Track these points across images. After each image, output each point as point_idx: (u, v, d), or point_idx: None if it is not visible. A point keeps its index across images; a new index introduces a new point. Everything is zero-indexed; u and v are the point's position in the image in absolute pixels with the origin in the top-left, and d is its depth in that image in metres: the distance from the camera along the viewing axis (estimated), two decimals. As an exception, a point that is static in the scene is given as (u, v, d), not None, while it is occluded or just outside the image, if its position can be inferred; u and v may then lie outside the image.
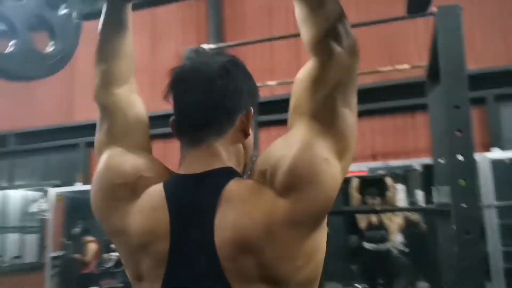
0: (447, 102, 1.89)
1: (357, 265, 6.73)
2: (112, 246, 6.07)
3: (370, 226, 5.35)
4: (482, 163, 3.52)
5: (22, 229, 6.97)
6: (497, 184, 3.54)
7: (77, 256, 5.55)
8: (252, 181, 0.84)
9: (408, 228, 4.99)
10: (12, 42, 1.11)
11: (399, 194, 4.98)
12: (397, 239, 5.22)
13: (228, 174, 0.87)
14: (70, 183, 4.80)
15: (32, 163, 5.34)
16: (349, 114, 0.85)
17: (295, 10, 0.91)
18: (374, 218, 5.32)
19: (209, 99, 0.88)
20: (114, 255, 5.90)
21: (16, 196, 6.87)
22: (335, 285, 6.70)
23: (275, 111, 3.65)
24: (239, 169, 0.92)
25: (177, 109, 0.92)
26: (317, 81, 0.85)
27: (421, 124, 3.49)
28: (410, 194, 4.69)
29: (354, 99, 0.88)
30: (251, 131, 0.94)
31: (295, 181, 0.79)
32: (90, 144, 4.97)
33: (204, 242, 0.81)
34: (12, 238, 6.99)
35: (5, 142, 4.71)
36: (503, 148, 3.72)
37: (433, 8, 1.86)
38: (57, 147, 5.01)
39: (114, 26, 1.05)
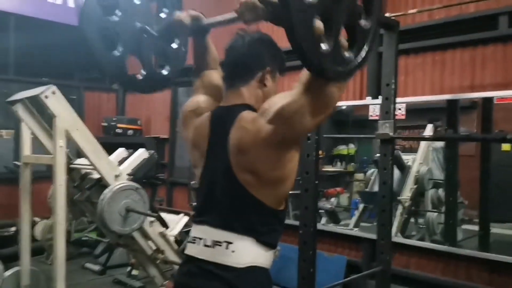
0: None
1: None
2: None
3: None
4: None
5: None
6: None
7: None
8: (256, 113, 1.36)
9: None
10: (142, 71, 1.69)
11: None
12: None
13: (244, 107, 1.42)
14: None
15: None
16: (335, 91, 1.26)
17: None
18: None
19: (238, 60, 1.47)
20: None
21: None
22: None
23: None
24: (257, 106, 1.43)
25: (222, 69, 1.53)
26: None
27: None
28: None
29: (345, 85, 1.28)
30: (270, 83, 1.43)
31: (278, 117, 1.29)
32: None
33: (224, 145, 1.39)
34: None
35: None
36: None
37: None
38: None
39: (199, 50, 1.69)
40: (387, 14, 3.17)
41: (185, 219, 3.36)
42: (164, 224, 3.17)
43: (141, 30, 1.68)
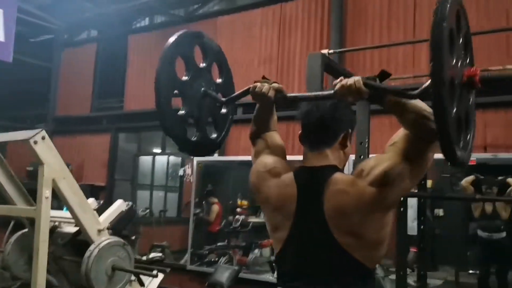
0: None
1: (471, 252, 6.72)
2: (238, 209, 6.91)
3: (484, 215, 5.39)
4: None
5: (165, 188, 8.19)
6: None
7: (201, 215, 6.29)
8: (351, 176, 1.38)
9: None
10: (195, 133, 1.68)
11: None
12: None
13: (333, 169, 1.42)
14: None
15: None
16: (431, 156, 1.33)
17: None
18: (488, 208, 5.35)
19: (324, 125, 1.47)
20: (238, 217, 6.70)
21: (160, 161, 8.05)
22: (449, 269, 6.79)
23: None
24: (340, 166, 1.46)
25: (303, 130, 1.52)
26: (413, 145, 1.32)
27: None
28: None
29: (437, 146, 1.31)
30: (349, 144, 1.47)
31: (383, 180, 1.31)
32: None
33: (317, 208, 1.36)
34: (158, 195, 8.26)
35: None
36: None
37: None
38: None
39: (264, 114, 1.68)
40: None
41: (161, 277, 3.12)
42: (141, 283, 2.92)
43: (204, 93, 1.67)
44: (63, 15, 6.60)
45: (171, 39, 1.58)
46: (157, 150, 6.91)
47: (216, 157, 5.64)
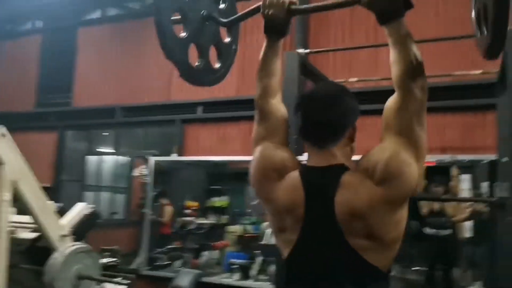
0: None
1: (416, 249, 6.97)
2: (187, 211, 6.73)
3: (432, 213, 5.61)
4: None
5: (113, 189, 7.83)
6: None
7: (154, 217, 6.09)
8: (359, 175, 1.30)
9: (474, 218, 5.18)
10: (199, 60, 1.62)
11: (463, 184, 5.21)
12: (461, 227, 5.46)
13: (341, 168, 1.33)
14: (167, 154, 5.44)
15: (134, 134, 6.11)
16: (421, 131, 1.27)
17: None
18: (436, 205, 5.57)
19: (329, 119, 1.33)
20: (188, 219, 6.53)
21: (109, 161, 7.69)
22: (394, 267, 7.01)
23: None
24: (347, 163, 1.37)
25: (304, 124, 1.37)
26: (399, 109, 1.27)
27: (490, 123, 3.74)
28: (476, 185, 4.88)
29: (425, 121, 1.29)
30: (355, 137, 1.40)
31: (387, 176, 1.24)
32: (185, 121, 5.62)
33: (328, 211, 1.29)
34: (103, 196, 7.88)
35: (113, 115, 5.41)
36: None
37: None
38: (156, 121, 5.70)
39: (271, 55, 1.54)
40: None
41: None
42: (106, 291, 2.74)
43: (207, 17, 1.61)
44: (4, 3, 6.12)
45: None
46: (108, 149, 6.59)
47: (175, 157, 5.45)
